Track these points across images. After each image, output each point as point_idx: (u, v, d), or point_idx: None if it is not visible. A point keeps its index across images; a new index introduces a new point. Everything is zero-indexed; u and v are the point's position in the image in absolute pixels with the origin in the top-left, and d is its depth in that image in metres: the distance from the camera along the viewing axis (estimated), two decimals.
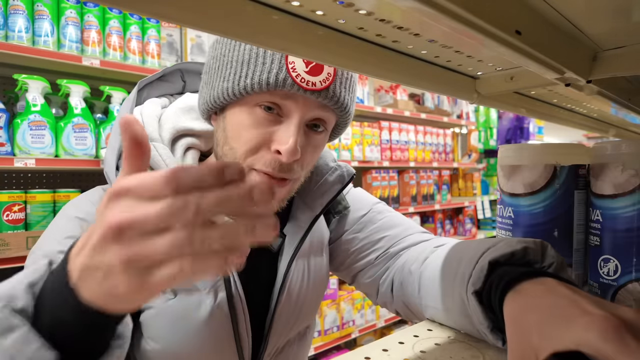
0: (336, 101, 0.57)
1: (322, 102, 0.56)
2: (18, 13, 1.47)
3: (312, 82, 0.53)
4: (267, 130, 0.55)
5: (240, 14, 0.36)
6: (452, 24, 0.33)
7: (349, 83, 0.59)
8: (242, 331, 0.61)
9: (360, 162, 2.50)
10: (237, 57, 0.55)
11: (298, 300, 0.68)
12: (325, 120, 0.59)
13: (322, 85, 0.54)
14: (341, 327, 2.38)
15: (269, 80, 0.52)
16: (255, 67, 0.53)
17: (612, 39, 0.50)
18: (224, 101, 0.57)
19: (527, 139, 3.92)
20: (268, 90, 0.53)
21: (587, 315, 0.32)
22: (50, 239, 0.56)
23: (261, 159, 0.56)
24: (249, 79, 0.53)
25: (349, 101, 0.59)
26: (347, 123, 0.64)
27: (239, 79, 0.54)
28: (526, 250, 0.46)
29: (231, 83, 0.55)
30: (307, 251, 0.70)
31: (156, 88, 0.71)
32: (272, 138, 0.55)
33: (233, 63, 0.55)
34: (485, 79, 0.66)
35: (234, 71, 0.55)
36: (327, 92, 0.55)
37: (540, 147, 0.59)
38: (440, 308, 0.57)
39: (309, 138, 0.58)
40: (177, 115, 0.66)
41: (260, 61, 0.53)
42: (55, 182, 1.82)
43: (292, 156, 0.54)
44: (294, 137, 0.54)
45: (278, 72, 0.52)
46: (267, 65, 0.53)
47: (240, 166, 0.28)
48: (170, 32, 1.87)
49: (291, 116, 0.55)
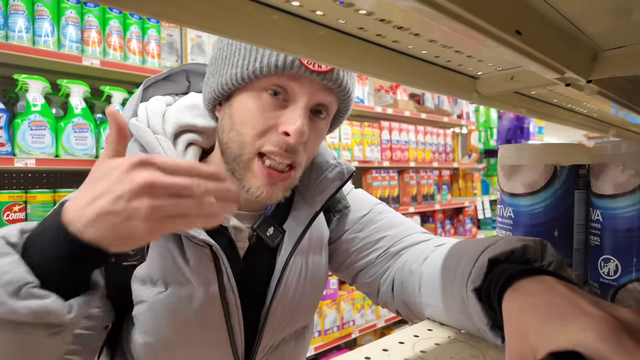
0: (339, 84, 0.59)
1: (326, 84, 0.58)
2: (18, 13, 1.47)
3: (318, 64, 0.56)
4: (274, 114, 0.58)
5: (240, 14, 0.37)
6: (452, 24, 0.33)
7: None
8: (235, 324, 0.61)
9: (360, 162, 2.50)
10: (241, 45, 0.58)
11: (295, 297, 0.68)
12: (328, 106, 0.62)
13: (326, 67, 0.57)
14: (341, 327, 2.38)
15: (277, 63, 0.55)
16: (264, 51, 0.56)
17: (612, 38, 0.50)
18: (232, 87, 0.59)
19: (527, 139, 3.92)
20: (276, 73, 0.56)
21: (584, 315, 0.32)
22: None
23: (269, 140, 0.58)
24: (258, 63, 0.56)
25: (350, 85, 0.62)
26: (348, 109, 0.67)
27: (247, 64, 0.57)
28: (526, 248, 0.46)
29: (240, 69, 0.57)
30: (306, 248, 0.70)
31: (161, 87, 0.73)
32: (279, 121, 0.58)
33: (241, 50, 0.57)
34: (486, 79, 0.66)
35: (242, 57, 0.57)
36: (332, 75, 0.57)
37: (540, 147, 0.59)
38: (440, 306, 0.57)
39: (313, 123, 0.61)
40: (181, 112, 0.67)
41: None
42: (55, 182, 1.82)
43: (300, 137, 0.57)
44: (301, 118, 0.57)
45: (286, 55, 0.55)
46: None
47: (223, 175, 0.43)
48: (171, 32, 1.87)
49: (297, 100, 0.58)
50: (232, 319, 0.61)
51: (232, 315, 0.61)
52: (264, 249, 0.67)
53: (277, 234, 0.67)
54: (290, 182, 0.62)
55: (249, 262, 0.65)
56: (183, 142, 0.65)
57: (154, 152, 0.61)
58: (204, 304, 0.59)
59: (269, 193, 0.60)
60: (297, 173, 0.63)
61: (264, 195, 0.60)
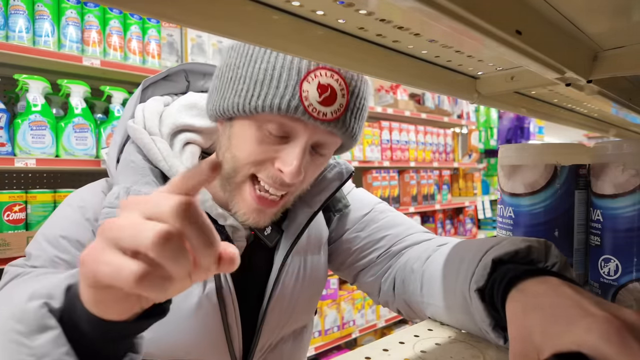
0: (344, 131, 0.57)
1: (331, 130, 0.57)
2: (19, 13, 1.47)
3: (324, 112, 0.54)
4: (272, 147, 0.56)
5: (241, 14, 0.36)
6: (453, 24, 0.33)
7: (360, 113, 0.59)
8: (232, 322, 0.61)
9: (360, 162, 2.50)
10: (252, 74, 0.55)
11: (292, 296, 0.68)
12: (331, 144, 0.60)
13: (332, 116, 0.55)
14: (341, 327, 2.38)
15: (281, 106, 0.53)
16: (268, 90, 0.53)
17: (613, 38, 0.50)
18: (233, 114, 0.57)
19: (527, 138, 3.92)
20: (279, 114, 0.54)
21: (588, 317, 0.32)
22: (53, 225, 0.59)
23: (264, 170, 0.57)
24: (261, 100, 0.54)
25: (357, 130, 0.60)
26: (351, 146, 0.65)
27: (250, 98, 0.54)
28: (530, 249, 0.46)
29: (242, 99, 0.55)
30: (304, 247, 0.70)
31: (160, 87, 0.72)
32: (276, 156, 0.56)
33: (247, 80, 0.55)
34: (486, 79, 0.66)
35: (247, 88, 0.55)
36: (337, 123, 0.56)
37: (540, 147, 0.59)
38: (442, 306, 0.57)
39: (313, 158, 0.60)
40: (179, 112, 0.67)
41: (274, 84, 0.53)
42: (55, 182, 1.82)
43: (295, 178, 0.56)
44: (298, 160, 0.55)
45: (291, 99, 0.53)
46: (280, 90, 0.53)
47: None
48: (171, 32, 1.87)
49: (298, 138, 0.56)
50: (229, 318, 0.61)
51: (229, 314, 0.61)
52: (261, 248, 0.67)
53: (274, 233, 0.67)
54: (281, 208, 0.62)
55: (247, 261, 0.65)
56: (180, 142, 0.65)
57: (150, 154, 0.61)
58: (200, 302, 0.59)
59: (255, 220, 0.60)
60: (289, 199, 0.62)
61: (250, 221, 0.60)
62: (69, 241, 0.56)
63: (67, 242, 0.56)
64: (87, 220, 0.59)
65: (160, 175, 0.62)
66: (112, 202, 0.56)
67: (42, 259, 0.55)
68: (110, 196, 0.57)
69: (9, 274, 0.54)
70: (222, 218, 0.61)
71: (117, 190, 0.57)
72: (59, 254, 0.55)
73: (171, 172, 0.60)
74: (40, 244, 0.56)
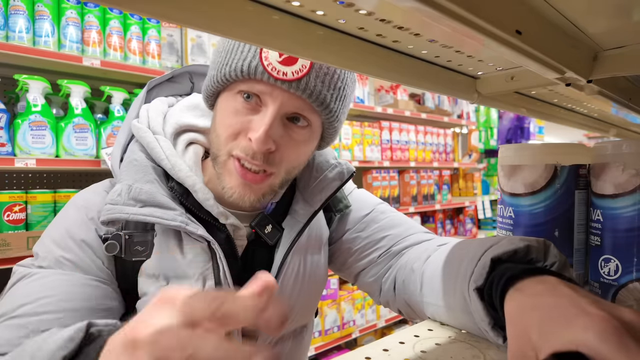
0: (310, 94, 0.56)
1: (294, 93, 0.56)
2: (19, 13, 1.47)
3: (284, 71, 0.54)
4: (245, 118, 0.58)
5: (241, 14, 0.37)
6: (453, 24, 0.33)
7: (330, 79, 0.58)
8: None
9: (360, 162, 2.50)
10: (226, 46, 0.58)
11: (292, 295, 0.68)
12: (307, 116, 0.59)
13: (294, 75, 0.54)
14: (342, 327, 2.38)
15: (242, 68, 0.55)
16: (234, 56, 0.56)
17: (613, 38, 0.50)
18: (212, 88, 0.60)
19: (527, 138, 3.92)
20: (244, 79, 0.56)
21: (586, 316, 0.32)
22: (58, 225, 0.60)
23: (239, 145, 0.58)
24: (228, 67, 0.56)
25: (328, 97, 0.58)
26: (331, 124, 0.62)
27: (222, 67, 0.57)
28: (529, 248, 0.46)
29: (216, 71, 0.58)
30: (304, 246, 0.70)
31: (165, 88, 0.73)
32: (249, 126, 0.57)
33: (222, 53, 0.58)
34: (486, 79, 0.66)
35: (222, 59, 0.58)
36: (299, 83, 0.55)
37: (540, 147, 0.59)
38: (441, 305, 0.58)
39: (290, 131, 0.59)
40: (182, 112, 0.68)
41: (239, 50, 0.56)
42: (55, 182, 1.82)
43: (262, 145, 0.55)
44: (265, 126, 0.55)
45: (251, 60, 0.54)
46: (244, 54, 0.55)
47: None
48: (171, 32, 1.87)
49: (267, 105, 0.57)
50: None
51: None
52: (262, 247, 0.67)
53: (275, 232, 0.67)
54: (267, 188, 0.61)
55: (247, 259, 0.65)
56: (183, 142, 0.66)
57: (153, 152, 0.62)
58: None
59: (240, 194, 0.59)
60: (275, 181, 0.61)
61: (236, 196, 0.59)
62: (73, 241, 0.57)
63: (72, 241, 0.57)
64: (90, 220, 0.59)
65: (162, 173, 0.62)
66: (114, 199, 0.56)
67: (48, 260, 0.56)
68: (112, 193, 0.57)
69: (17, 274, 0.55)
70: (223, 216, 0.62)
71: (120, 188, 0.58)
72: (64, 254, 0.56)
73: (173, 171, 0.61)
74: (46, 244, 0.57)
